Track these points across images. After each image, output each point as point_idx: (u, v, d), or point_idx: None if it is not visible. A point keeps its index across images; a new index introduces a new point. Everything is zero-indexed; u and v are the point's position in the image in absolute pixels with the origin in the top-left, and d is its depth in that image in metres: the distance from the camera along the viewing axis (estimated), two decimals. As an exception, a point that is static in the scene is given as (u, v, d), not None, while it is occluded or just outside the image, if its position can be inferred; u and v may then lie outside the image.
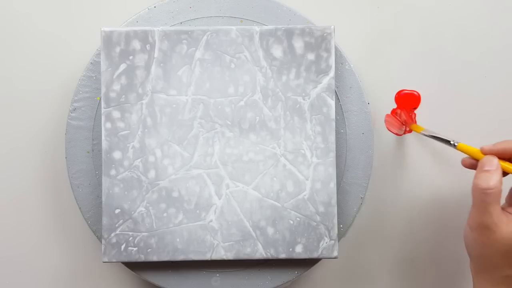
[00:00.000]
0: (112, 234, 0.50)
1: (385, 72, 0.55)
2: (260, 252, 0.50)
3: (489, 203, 0.44)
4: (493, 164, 0.45)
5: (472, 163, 0.47)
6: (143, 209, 0.50)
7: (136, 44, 0.50)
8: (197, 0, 0.53)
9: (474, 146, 0.53)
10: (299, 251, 0.50)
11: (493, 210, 0.44)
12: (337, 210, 0.51)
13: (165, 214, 0.50)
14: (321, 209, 0.50)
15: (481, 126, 0.55)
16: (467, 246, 0.47)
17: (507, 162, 0.46)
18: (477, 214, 0.44)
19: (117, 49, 0.50)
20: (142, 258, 0.50)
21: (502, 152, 0.46)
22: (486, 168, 0.45)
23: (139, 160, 0.50)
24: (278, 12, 0.53)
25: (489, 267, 0.45)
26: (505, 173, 0.46)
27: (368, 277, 0.56)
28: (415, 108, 0.55)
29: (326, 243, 0.50)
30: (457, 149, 0.48)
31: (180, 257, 0.50)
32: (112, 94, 0.50)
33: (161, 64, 0.50)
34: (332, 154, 0.50)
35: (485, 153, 0.46)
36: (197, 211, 0.50)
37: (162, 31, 0.50)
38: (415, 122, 0.54)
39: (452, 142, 0.49)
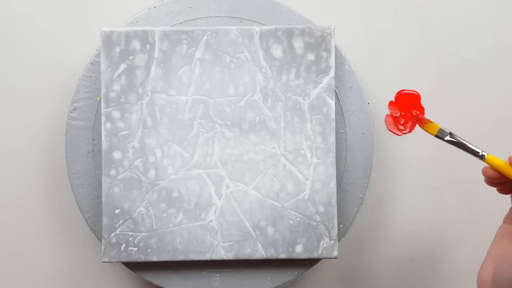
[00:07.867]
0: (112, 234, 0.50)
1: (385, 72, 0.55)
2: (260, 252, 0.50)
3: None
4: None
5: (497, 175, 0.44)
6: (143, 209, 0.50)
7: (136, 44, 0.50)
8: (197, 0, 0.53)
9: (480, 148, 0.53)
10: (299, 251, 0.50)
11: None
12: (337, 210, 0.51)
13: (165, 214, 0.50)
14: (321, 209, 0.50)
15: (481, 126, 0.55)
16: None
17: None
18: None
19: (117, 49, 0.50)
20: (142, 258, 0.50)
21: None
22: None
23: (139, 160, 0.50)
24: (278, 12, 0.52)
25: None
26: None
27: (368, 277, 0.56)
28: (418, 104, 0.55)
29: (326, 243, 0.50)
30: (485, 162, 0.44)
31: (180, 257, 0.50)
32: (112, 94, 0.50)
33: (161, 64, 0.50)
34: (332, 154, 0.50)
35: None
36: (197, 211, 0.50)
37: (162, 31, 0.50)
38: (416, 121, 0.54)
39: (480, 153, 0.44)
